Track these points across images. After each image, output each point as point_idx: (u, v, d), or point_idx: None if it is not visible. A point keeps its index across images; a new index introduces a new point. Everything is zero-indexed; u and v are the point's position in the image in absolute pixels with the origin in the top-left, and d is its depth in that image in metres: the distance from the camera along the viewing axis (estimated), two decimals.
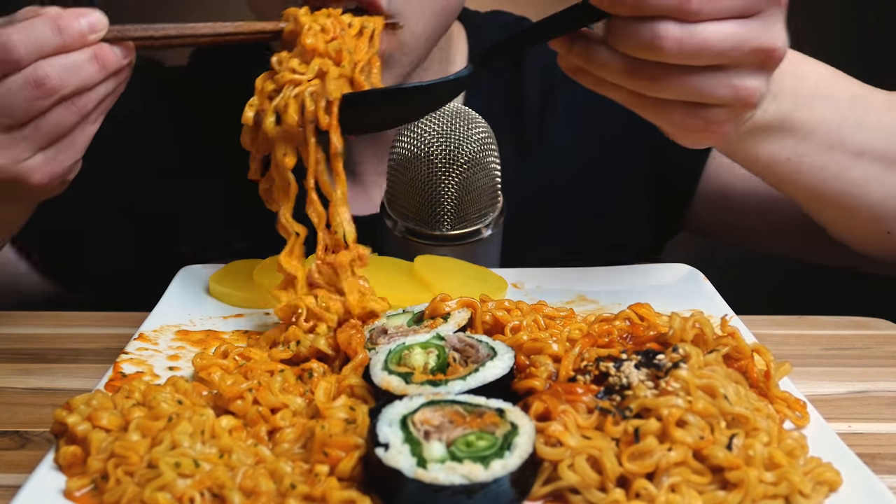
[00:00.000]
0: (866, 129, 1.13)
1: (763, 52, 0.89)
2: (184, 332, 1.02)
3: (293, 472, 0.73)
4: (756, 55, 0.89)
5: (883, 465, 0.83)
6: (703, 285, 1.14)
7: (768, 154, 1.09)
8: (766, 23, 0.88)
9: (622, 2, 0.85)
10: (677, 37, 0.85)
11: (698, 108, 0.92)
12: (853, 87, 1.15)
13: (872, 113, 1.14)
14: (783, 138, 1.07)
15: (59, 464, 0.76)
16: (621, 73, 0.89)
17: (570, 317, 1.00)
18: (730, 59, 0.88)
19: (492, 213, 1.21)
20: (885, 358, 1.07)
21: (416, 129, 1.17)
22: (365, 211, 1.37)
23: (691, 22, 0.85)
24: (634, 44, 0.86)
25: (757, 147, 1.08)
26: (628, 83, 0.90)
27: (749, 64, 0.90)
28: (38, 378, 1.01)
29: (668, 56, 0.86)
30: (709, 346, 0.86)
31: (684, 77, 0.88)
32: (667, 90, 0.89)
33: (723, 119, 0.93)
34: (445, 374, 0.82)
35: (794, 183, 1.14)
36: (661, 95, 0.90)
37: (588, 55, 0.90)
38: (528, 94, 1.42)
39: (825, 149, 1.10)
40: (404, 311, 1.00)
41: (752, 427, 0.75)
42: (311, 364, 0.90)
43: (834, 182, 1.13)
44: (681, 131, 0.96)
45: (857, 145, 1.12)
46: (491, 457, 0.70)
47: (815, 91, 1.09)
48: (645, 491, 0.70)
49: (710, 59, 0.87)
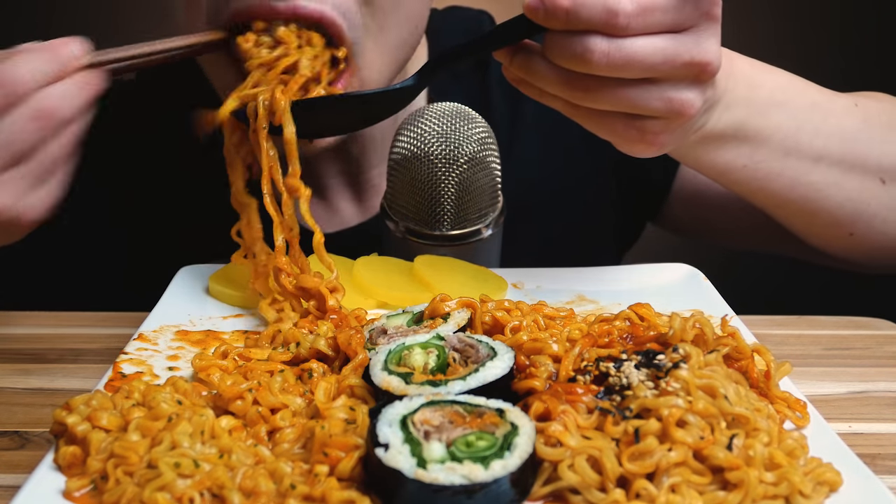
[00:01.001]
0: (824, 135, 1.14)
1: (695, 65, 0.91)
2: (183, 333, 1.02)
3: (293, 472, 0.73)
4: (688, 69, 0.91)
5: (883, 465, 0.83)
6: (703, 285, 1.14)
7: (724, 161, 1.11)
8: (700, 37, 0.91)
9: (555, 16, 0.88)
10: (605, 51, 0.88)
11: (634, 118, 0.95)
12: (812, 94, 1.16)
13: (831, 118, 1.15)
14: (738, 146, 1.09)
15: (58, 464, 0.75)
16: (558, 84, 0.92)
17: (570, 317, 1.00)
18: (661, 73, 0.91)
19: (492, 213, 1.21)
20: (885, 358, 1.07)
21: (416, 128, 1.17)
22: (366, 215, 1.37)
23: (619, 37, 0.88)
24: (567, 56, 0.89)
25: (711, 154, 1.10)
26: (565, 94, 0.93)
27: (682, 77, 0.92)
28: (38, 378, 1.01)
29: (597, 69, 0.89)
30: (709, 347, 0.86)
31: (618, 89, 0.91)
32: (601, 101, 0.92)
33: (658, 130, 0.95)
34: (445, 375, 0.82)
35: (752, 189, 1.16)
36: (596, 106, 0.93)
37: (527, 67, 0.93)
38: (494, 103, 1.43)
39: (781, 155, 1.12)
40: (404, 312, 1.00)
41: (752, 427, 0.75)
42: (311, 364, 0.90)
43: (793, 187, 1.16)
44: (619, 141, 0.99)
45: (815, 151, 1.14)
46: (491, 457, 0.69)
47: (770, 99, 1.11)
48: (645, 491, 0.70)
49: (641, 73, 0.90)
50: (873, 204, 1.20)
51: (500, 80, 1.44)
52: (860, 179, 1.18)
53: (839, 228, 1.22)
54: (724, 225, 1.48)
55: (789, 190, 1.16)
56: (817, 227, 1.24)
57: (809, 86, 1.17)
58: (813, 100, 1.15)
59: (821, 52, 1.20)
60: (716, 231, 1.52)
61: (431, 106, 1.19)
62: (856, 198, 1.19)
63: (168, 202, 1.41)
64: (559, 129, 1.43)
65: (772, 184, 1.14)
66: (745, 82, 1.07)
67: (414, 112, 1.19)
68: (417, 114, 1.18)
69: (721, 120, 1.05)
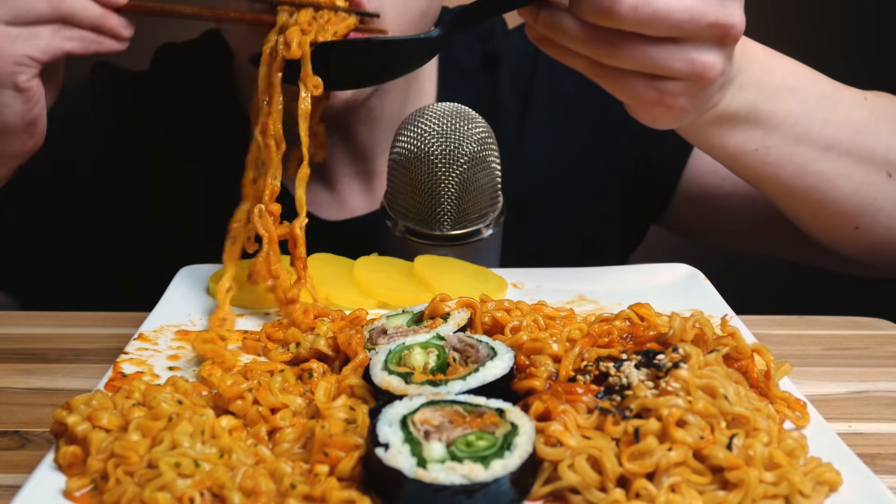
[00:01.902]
0: (834, 124, 1.14)
1: (720, 27, 0.91)
2: (184, 332, 1.02)
3: (293, 472, 0.73)
4: (713, 30, 0.91)
5: (883, 465, 0.83)
6: (703, 285, 1.14)
7: (734, 144, 1.10)
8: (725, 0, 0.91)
9: None
10: (633, 4, 0.88)
11: (655, 79, 0.95)
12: (822, 83, 1.17)
13: (840, 109, 1.15)
14: (750, 129, 1.09)
15: (59, 464, 0.75)
16: (582, 40, 0.92)
17: (570, 317, 1.00)
18: (686, 32, 0.91)
19: (492, 212, 1.21)
20: (885, 358, 1.07)
21: (416, 128, 1.17)
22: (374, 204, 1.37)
23: None
24: (594, 10, 0.89)
25: (723, 136, 1.09)
26: (588, 51, 0.93)
27: (706, 38, 0.92)
28: (38, 378, 1.01)
29: (624, 23, 0.89)
30: (709, 346, 0.86)
31: (641, 46, 0.91)
32: (624, 59, 0.92)
33: (678, 92, 0.95)
34: (445, 374, 0.82)
35: (761, 175, 1.16)
36: (619, 65, 0.93)
37: (553, 23, 0.93)
38: (503, 102, 1.43)
39: (792, 141, 1.12)
40: (404, 312, 1.00)
41: (752, 427, 0.75)
42: (311, 364, 0.90)
43: (802, 175, 1.15)
44: (637, 104, 0.98)
45: (825, 139, 1.14)
46: (491, 457, 0.69)
47: (782, 84, 1.11)
48: (645, 491, 0.70)
49: (666, 30, 0.90)
50: (880, 197, 1.20)
51: (511, 79, 1.45)
52: (868, 172, 1.18)
53: (845, 220, 1.22)
54: (729, 227, 1.48)
55: (798, 178, 1.15)
56: (823, 219, 1.24)
57: (818, 75, 1.17)
58: (823, 89, 1.16)
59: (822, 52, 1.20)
60: (720, 233, 1.52)
61: (431, 106, 1.19)
62: (863, 190, 1.19)
63: (168, 202, 1.41)
64: (567, 129, 1.44)
65: (781, 170, 1.14)
66: (758, 65, 1.07)
67: (414, 112, 1.19)
68: (417, 113, 1.18)
69: (734, 100, 1.05)
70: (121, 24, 1.02)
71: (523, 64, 1.45)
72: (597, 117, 1.42)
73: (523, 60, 1.45)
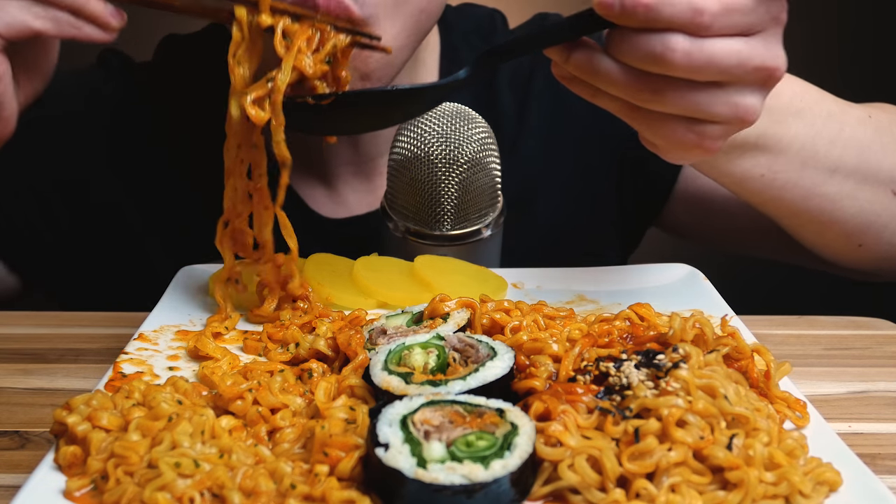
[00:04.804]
0: (840, 146, 1.14)
1: (764, 70, 0.88)
2: (184, 333, 1.02)
3: (293, 472, 0.73)
4: (758, 73, 0.88)
5: (883, 465, 0.83)
6: (703, 285, 1.14)
7: (741, 171, 1.10)
8: (769, 41, 0.88)
9: (633, 14, 0.82)
10: (686, 50, 0.83)
11: (694, 123, 0.90)
12: (827, 102, 1.16)
13: (846, 129, 1.15)
14: (757, 155, 1.08)
15: (59, 464, 0.76)
16: (623, 84, 0.87)
17: (570, 317, 1.00)
18: (733, 77, 0.87)
19: (492, 213, 1.21)
20: (885, 358, 1.07)
21: (416, 129, 1.17)
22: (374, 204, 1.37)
23: (701, 36, 0.84)
24: (642, 56, 0.84)
25: (731, 164, 1.09)
26: (629, 95, 0.89)
27: (750, 82, 0.89)
28: (38, 378, 1.01)
29: (676, 69, 0.84)
30: (709, 346, 0.86)
31: (687, 92, 0.87)
32: (667, 104, 0.88)
33: (717, 135, 0.92)
34: (445, 374, 0.82)
35: (766, 199, 1.15)
36: (661, 109, 0.89)
37: (588, 65, 0.88)
38: (501, 102, 1.42)
39: (799, 165, 1.12)
40: (403, 312, 1.00)
41: (752, 427, 0.75)
42: (311, 364, 0.91)
43: (808, 198, 1.15)
44: (673, 147, 0.94)
45: (831, 161, 1.13)
46: (491, 457, 0.70)
47: (789, 107, 1.10)
48: (645, 491, 0.70)
49: (715, 75, 0.86)
50: (884, 215, 1.20)
51: (510, 80, 1.44)
52: (872, 191, 1.18)
53: (849, 240, 1.22)
54: (725, 229, 1.48)
55: (803, 201, 1.15)
56: (828, 239, 1.24)
57: (824, 95, 1.16)
58: (829, 109, 1.15)
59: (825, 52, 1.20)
60: (717, 235, 1.51)
61: None
62: (867, 209, 1.18)
63: (169, 201, 1.41)
64: (566, 131, 1.43)
65: (787, 194, 1.14)
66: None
67: None
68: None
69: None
70: (107, 11, 0.91)
71: (523, 64, 1.45)
72: (595, 118, 1.42)
73: (523, 61, 1.45)
